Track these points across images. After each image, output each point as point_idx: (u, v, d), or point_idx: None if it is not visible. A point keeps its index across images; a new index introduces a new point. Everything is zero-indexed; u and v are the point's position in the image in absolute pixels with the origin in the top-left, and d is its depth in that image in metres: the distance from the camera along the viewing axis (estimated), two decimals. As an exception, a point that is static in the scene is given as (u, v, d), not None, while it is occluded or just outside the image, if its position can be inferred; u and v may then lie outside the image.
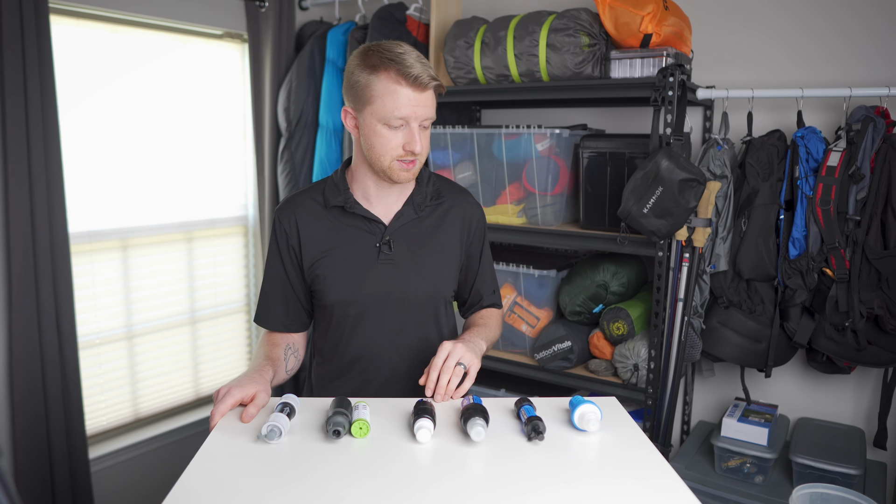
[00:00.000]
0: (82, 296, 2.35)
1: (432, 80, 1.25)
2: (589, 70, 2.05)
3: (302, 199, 1.41)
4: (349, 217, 1.38)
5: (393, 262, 1.36)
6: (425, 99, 1.26)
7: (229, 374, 2.93)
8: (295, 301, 1.43)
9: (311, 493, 0.93)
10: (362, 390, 1.40)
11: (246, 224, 2.95)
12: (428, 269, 1.39)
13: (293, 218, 1.39)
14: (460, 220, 1.44)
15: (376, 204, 1.38)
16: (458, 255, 1.45)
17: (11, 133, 1.98)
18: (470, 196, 1.50)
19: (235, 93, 2.82)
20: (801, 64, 2.11)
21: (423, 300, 1.40)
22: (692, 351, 2.00)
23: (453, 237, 1.43)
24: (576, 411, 1.13)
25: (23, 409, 2.10)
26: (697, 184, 1.82)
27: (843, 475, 1.80)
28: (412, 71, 1.23)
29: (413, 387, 1.38)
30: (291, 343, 1.44)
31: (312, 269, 1.38)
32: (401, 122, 1.26)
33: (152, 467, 2.60)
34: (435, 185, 1.44)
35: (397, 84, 1.23)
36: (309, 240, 1.38)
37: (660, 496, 0.94)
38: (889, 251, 1.78)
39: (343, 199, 1.37)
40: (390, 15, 2.54)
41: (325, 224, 1.38)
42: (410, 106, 1.24)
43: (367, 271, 1.36)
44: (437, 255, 1.41)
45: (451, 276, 1.44)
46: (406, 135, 1.27)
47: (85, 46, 2.30)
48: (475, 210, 1.48)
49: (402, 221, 1.38)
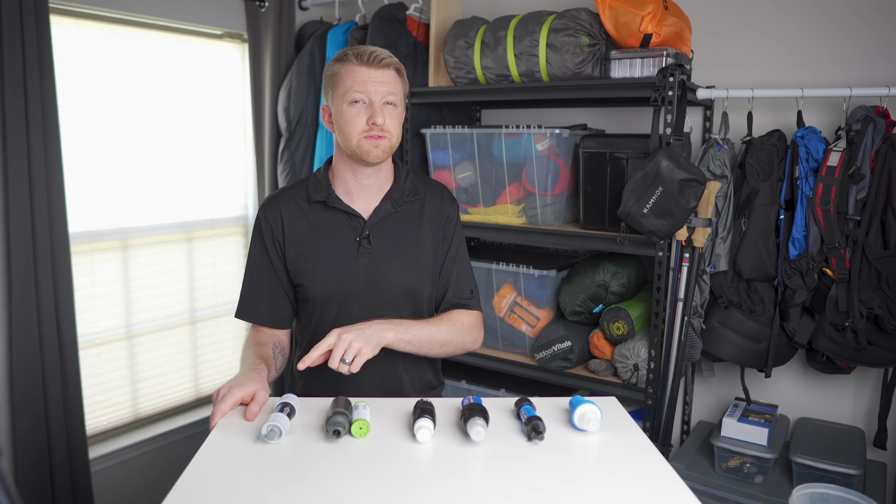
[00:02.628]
0: (82, 296, 2.35)
1: (388, 58, 1.35)
2: (589, 70, 2.05)
3: (286, 194, 1.46)
4: (331, 212, 1.42)
5: (372, 256, 1.40)
6: (383, 76, 1.34)
7: (229, 374, 2.93)
8: (282, 296, 1.45)
9: (311, 493, 0.93)
10: (341, 386, 1.41)
11: (246, 224, 2.95)
12: (406, 262, 1.42)
13: (278, 213, 1.43)
14: (434, 215, 1.48)
15: (356, 199, 1.43)
16: (436, 249, 1.47)
17: (11, 133, 1.98)
18: (445, 190, 1.53)
19: (235, 93, 2.82)
20: (801, 64, 2.11)
21: (402, 293, 1.43)
22: (692, 351, 2.00)
23: (428, 231, 1.46)
24: (576, 411, 1.13)
25: (23, 409, 2.10)
26: (697, 184, 1.82)
27: (843, 475, 1.80)
28: (366, 50, 1.34)
29: (393, 380, 1.43)
30: (277, 342, 1.46)
31: (296, 262, 1.41)
32: (362, 97, 1.32)
33: (152, 467, 2.60)
34: (412, 183, 1.48)
35: (355, 64, 1.34)
36: (293, 235, 1.41)
37: (660, 496, 0.94)
38: (889, 251, 1.78)
39: (325, 194, 1.41)
40: (390, 15, 2.54)
41: (308, 219, 1.42)
42: (369, 81, 1.32)
43: (348, 265, 1.40)
44: (415, 249, 1.44)
45: (429, 271, 1.46)
46: (368, 109, 1.33)
47: (85, 46, 2.30)
48: (447, 204, 1.51)
49: (380, 216, 1.42)
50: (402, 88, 1.39)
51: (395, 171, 1.49)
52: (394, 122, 1.36)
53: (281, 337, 1.48)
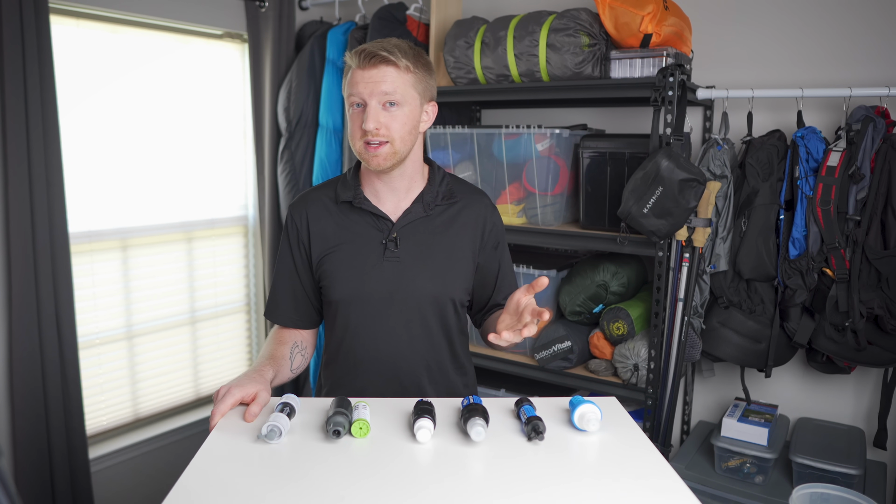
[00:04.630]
0: (82, 296, 2.35)
1: (380, 54, 1.24)
2: (589, 70, 2.05)
3: (315, 194, 1.41)
4: (357, 213, 1.37)
5: (399, 260, 1.34)
6: (377, 74, 1.24)
7: (229, 374, 2.93)
8: (304, 297, 1.42)
9: (311, 493, 0.93)
10: (366, 389, 1.38)
11: (246, 224, 2.95)
12: (435, 269, 1.36)
13: (304, 213, 1.39)
14: (473, 222, 1.40)
15: (384, 200, 1.37)
16: (470, 258, 1.40)
17: (11, 133, 1.98)
18: (485, 197, 1.46)
19: (235, 93, 2.82)
20: (800, 64, 2.11)
21: (429, 300, 1.36)
22: (692, 351, 2.00)
23: (465, 239, 1.39)
24: (576, 411, 1.13)
25: (23, 409, 2.10)
26: (697, 184, 1.82)
27: (843, 475, 1.80)
28: (361, 48, 1.26)
29: (415, 389, 1.38)
30: (299, 341, 1.43)
31: (320, 264, 1.37)
32: (357, 101, 1.26)
33: (152, 467, 2.60)
34: (448, 186, 1.41)
35: (352, 65, 1.27)
36: (318, 235, 1.37)
37: (660, 496, 0.94)
38: (889, 251, 1.78)
39: (352, 194, 1.36)
40: (390, 15, 2.54)
41: (335, 220, 1.38)
42: (362, 82, 1.25)
43: (372, 268, 1.34)
44: (446, 256, 1.37)
45: (460, 279, 1.39)
46: (363, 114, 1.26)
47: (85, 46, 2.30)
48: (490, 212, 1.44)
49: (409, 219, 1.36)
50: (413, 84, 1.28)
51: (429, 172, 1.42)
52: (396, 123, 1.27)
53: (305, 336, 1.45)
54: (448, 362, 1.43)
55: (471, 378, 1.51)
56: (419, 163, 1.39)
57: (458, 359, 1.45)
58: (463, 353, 1.47)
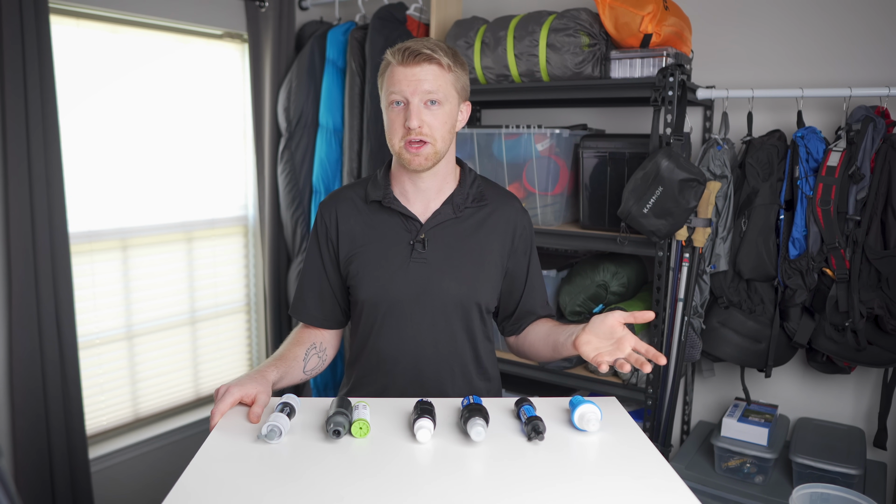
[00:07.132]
0: (82, 296, 2.35)
1: (424, 52, 1.23)
2: (589, 70, 2.05)
3: (345, 193, 1.41)
4: (386, 213, 1.36)
5: (426, 262, 1.33)
6: (420, 72, 1.24)
7: (229, 374, 2.93)
8: (331, 295, 1.41)
9: (311, 493, 0.93)
10: (388, 389, 1.37)
11: (246, 224, 2.95)
12: (463, 271, 1.34)
13: (334, 212, 1.38)
14: (503, 226, 1.39)
15: (414, 201, 1.36)
16: (499, 263, 1.38)
17: (11, 133, 1.98)
18: (516, 201, 1.44)
19: (235, 93, 2.82)
20: (800, 64, 2.11)
21: (455, 304, 1.34)
22: (692, 351, 2.00)
23: (494, 242, 1.37)
24: (576, 411, 1.13)
25: (23, 409, 2.10)
26: (697, 184, 1.82)
27: (843, 475, 1.80)
28: (403, 46, 1.25)
29: (437, 393, 1.36)
30: (318, 343, 1.41)
31: (347, 263, 1.36)
32: (399, 99, 1.25)
33: (152, 467, 2.60)
34: (479, 188, 1.39)
35: (393, 63, 1.26)
36: (346, 234, 1.36)
37: (660, 496, 0.94)
38: (889, 251, 1.78)
39: (382, 193, 1.35)
40: (390, 15, 2.54)
41: (364, 219, 1.37)
42: (405, 80, 1.24)
43: (398, 269, 1.33)
44: (475, 259, 1.35)
45: (487, 283, 1.37)
46: (405, 111, 1.25)
47: (85, 46, 2.30)
48: (521, 217, 1.42)
49: (438, 220, 1.34)
50: (453, 83, 1.28)
51: (460, 173, 1.40)
52: (437, 122, 1.26)
53: (326, 337, 1.44)
54: (472, 367, 1.41)
55: (495, 384, 1.48)
56: (451, 163, 1.38)
57: (481, 364, 1.43)
58: (487, 359, 1.44)
